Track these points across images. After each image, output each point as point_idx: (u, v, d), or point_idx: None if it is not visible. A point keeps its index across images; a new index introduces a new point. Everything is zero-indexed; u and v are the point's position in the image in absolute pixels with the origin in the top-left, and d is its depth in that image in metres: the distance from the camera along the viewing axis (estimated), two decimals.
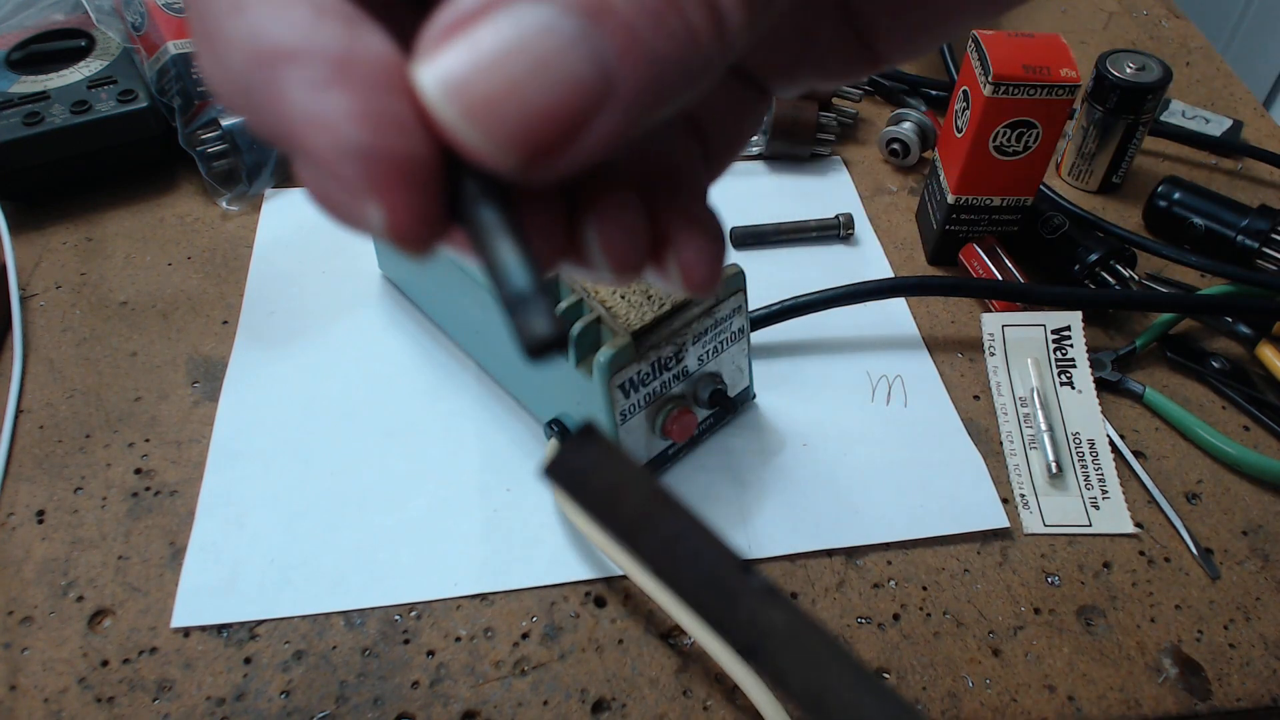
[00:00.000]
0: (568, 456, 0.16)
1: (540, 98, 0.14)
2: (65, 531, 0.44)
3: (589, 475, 0.16)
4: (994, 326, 0.53)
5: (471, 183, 0.16)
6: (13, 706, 0.38)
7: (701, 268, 0.19)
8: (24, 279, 0.55)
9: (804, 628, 0.15)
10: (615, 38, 0.14)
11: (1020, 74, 0.49)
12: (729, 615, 0.15)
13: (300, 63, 0.14)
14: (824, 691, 0.15)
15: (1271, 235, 0.56)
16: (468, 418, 0.49)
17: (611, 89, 0.14)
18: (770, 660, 0.15)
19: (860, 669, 0.15)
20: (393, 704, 0.39)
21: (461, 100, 0.14)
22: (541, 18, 0.14)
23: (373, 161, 0.14)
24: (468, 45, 0.14)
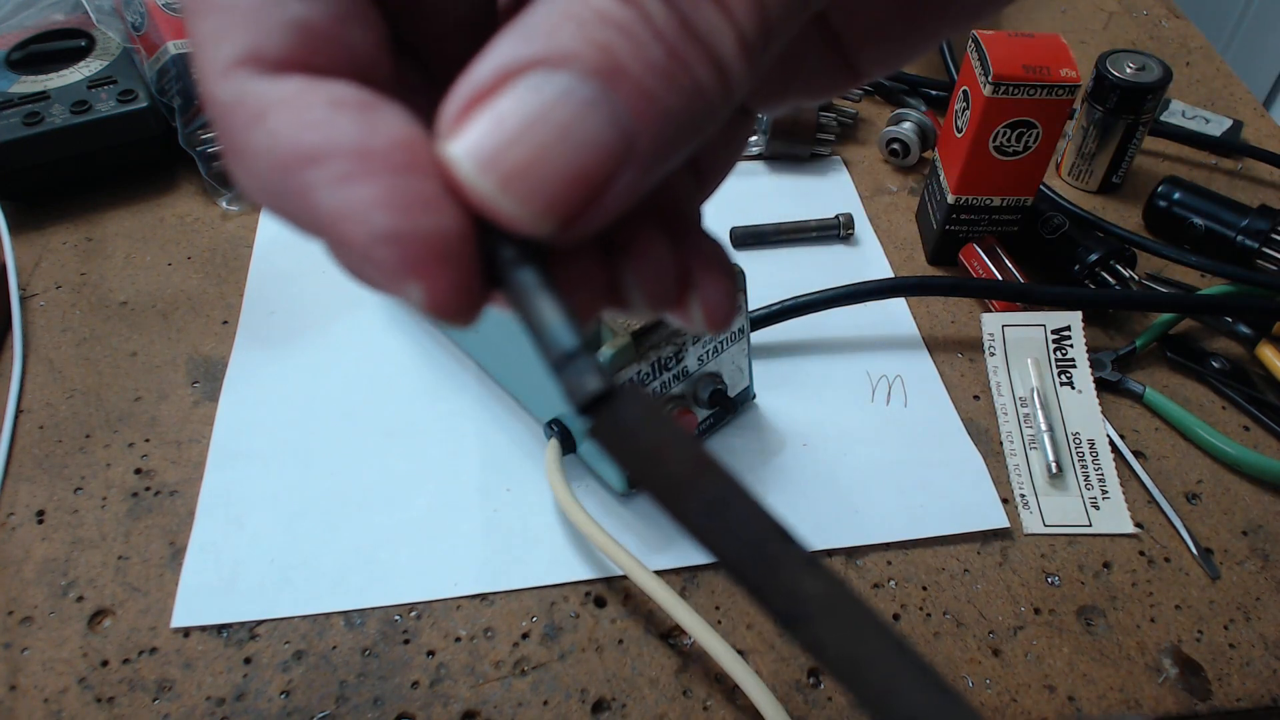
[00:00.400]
0: (612, 412, 0.16)
1: (568, 162, 0.15)
2: (65, 531, 0.44)
3: (631, 433, 0.16)
4: (994, 326, 0.53)
5: (507, 248, 0.16)
6: (13, 706, 0.38)
7: (724, 307, 0.20)
8: (24, 279, 0.55)
9: (844, 599, 0.15)
10: (631, 98, 0.15)
11: (1020, 74, 0.49)
12: (769, 582, 0.15)
13: (321, 162, 0.15)
14: (862, 664, 0.15)
15: (1271, 235, 0.56)
16: (468, 418, 0.49)
17: (632, 146, 0.15)
18: (809, 630, 0.15)
19: (900, 643, 0.15)
20: (393, 704, 0.39)
21: (494, 172, 0.15)
22: (559, 85, 0.14)
23: (405, 243, 0.15)
24: (493, 117, 0.15)
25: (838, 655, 0.15)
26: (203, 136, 0.58)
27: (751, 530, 0.16)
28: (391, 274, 0.15)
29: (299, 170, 0.15)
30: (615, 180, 0.15)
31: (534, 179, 0.15)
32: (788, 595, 0.15)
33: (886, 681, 0.15)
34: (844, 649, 0.15)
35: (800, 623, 0.15)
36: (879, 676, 0.15)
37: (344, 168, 0.14)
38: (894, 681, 0.15)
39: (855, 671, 0.15)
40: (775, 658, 0.40)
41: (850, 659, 0.15)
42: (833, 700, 0.39)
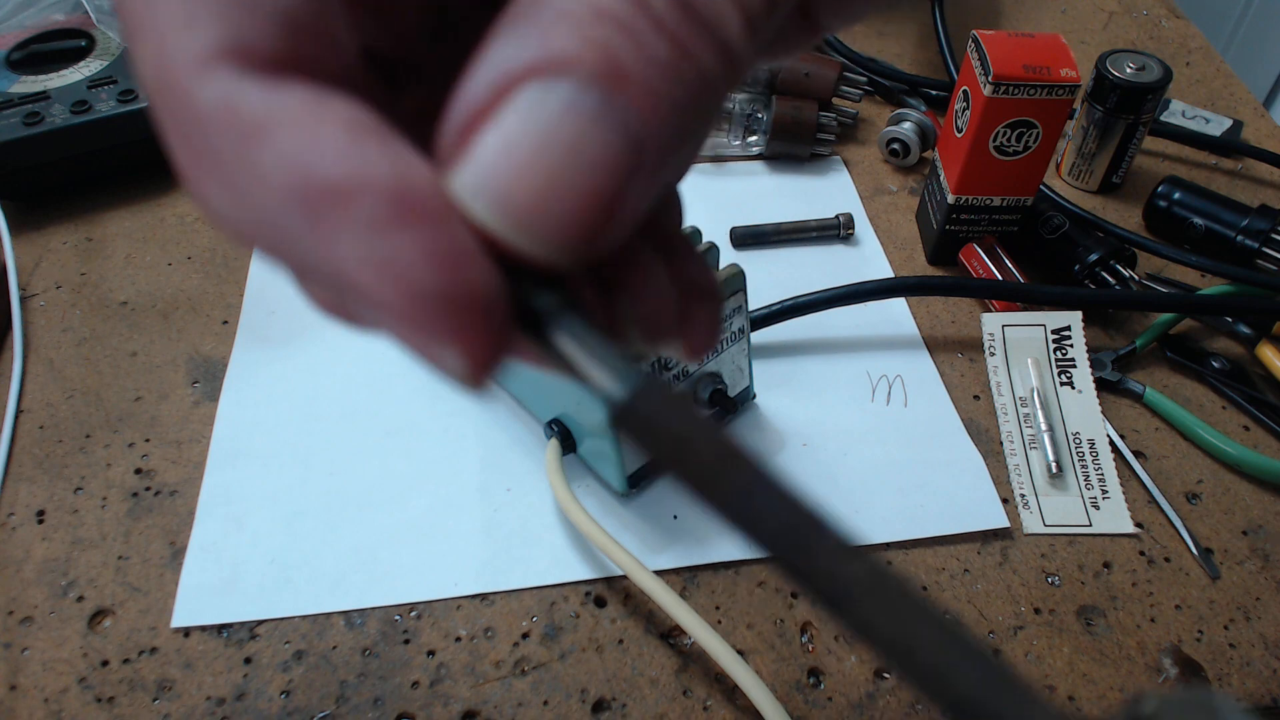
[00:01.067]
0: (637, 404, 0.15)
1: (583, 185, 0.13)
2: (65, 531, 0.44)
3: (658, 424, 0.15)
4: (994, 326, 0.53)
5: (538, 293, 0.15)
6: (13, 706, 0.38)
7: (709, 338, 0.19)
8: (24, 279, 0.55)
9: (886, 580, 0.15)
10: (637, 101, 0.13)
11: (1020, 74, 0.49)
12: (811, 565, 0.15)
13: (352, 201, 0.12)
14: (913, 644, 0.15)
15: (1271, 235, 0.56)
16: (468, 418, 0.49)
17: (642, 152, 0.14)
18: (857, 611, 0.15)
19: (947, 623, 0.15)
20: (393, 704, 0.39)
21: (508, 206, 0.13)
22: (563, 98, 0.13)
23: (454, 304, 0.13)
24: (497, 143, 0.13)
25: (888, 638, 0.15)
26: None
27: (785, 515, 0.15)
28: (427, 335, 0.13)
29: (321, 208, 0.12)
30: (629, 192, 0.14)
31: (550, 209, 0.13)
32: (829, 577, 0.15)
33: (940, 660, 0.15)
34: (894, 631, 0.15)
35: (847, 605, 0.15)
36: (932, 655, 0.15)
37: (380, 210, 0.12)
38: (947, 659, 0.15)
39: (907, 654, 0.15)
40: (775, 658, 0.40)
41: (901, 641, 0.15)
42: (833, 700, 0.39)
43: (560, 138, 0.13)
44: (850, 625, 0.15)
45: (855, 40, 0.74)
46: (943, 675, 0.15)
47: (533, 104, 0.13)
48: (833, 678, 0.40)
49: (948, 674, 0.15)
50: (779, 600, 0.42)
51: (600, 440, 0.43)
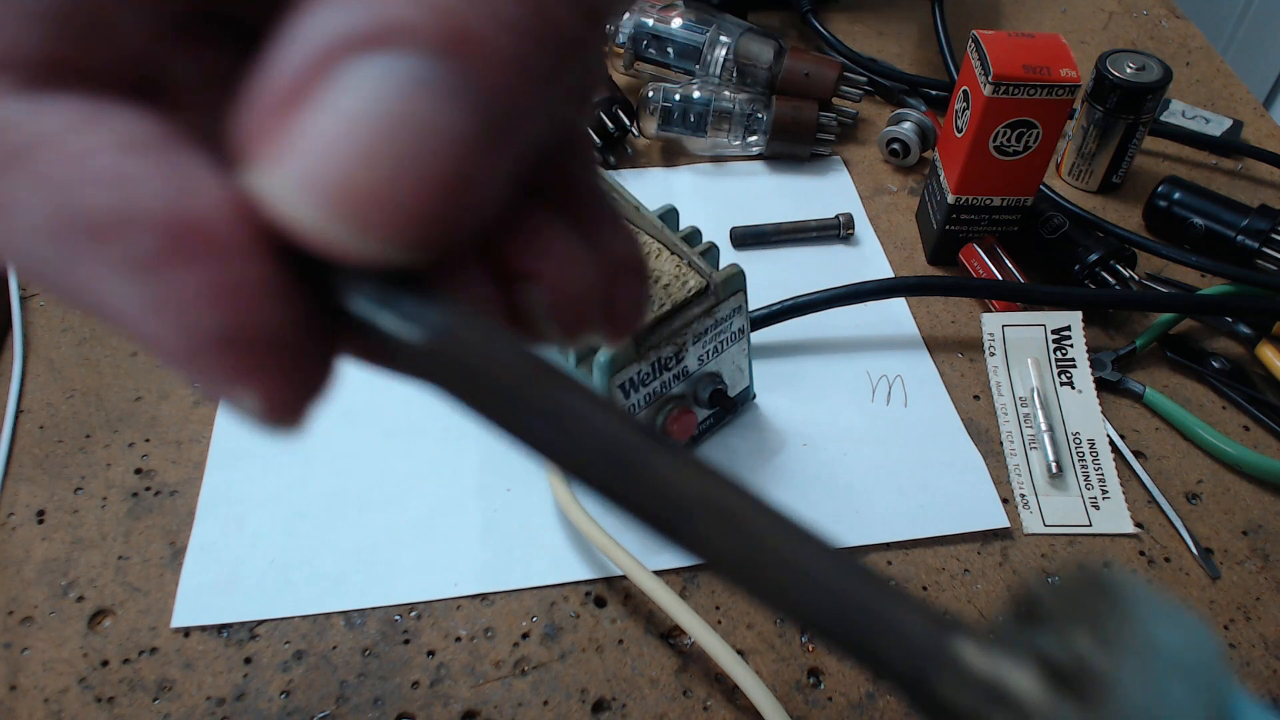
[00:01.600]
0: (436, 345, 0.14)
1: (427, 172, 0.11)
2: (65, 531, 0.44)
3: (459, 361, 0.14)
4: (994, 326, 0.53)
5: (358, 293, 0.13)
6: (13, 706, 0.38)
7: (633, 318, 0.16)
8: (24, 279, 0.55)
9: (729, 493, 0.13)
10: (488, 70, 0.11)
11: (1020, 74, 0.49)
12: (635, 487, 0.13)
13: (119, 235, 0.11)
14: (765, 565, 0.13)
15: (1271, 235, 0.56)
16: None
17: (500, 126, 0.12)
18: (693, 533, 0.13)
19: (806, 533, 0.13)
20: (393, 704, 0.39)
21: (340, 206, 0.11)
22: (399, 72, 0.11)
23: (241, 346, 0.11)
24: (321, 129, 0.11)
25: (727, 554, 0.13)
26: None
27: (606, 435, 0.13)
28: (217, 380, 0.12)
29: (83, 243, 0.11)
30: (487, 175, 0.12)
31: (392, 205, 0.11)
32: (659, 498, 0.13)
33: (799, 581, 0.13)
34: (733, 545, 0.13)
35: (681, 527, 0.13)
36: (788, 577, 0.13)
37: (150, 245, 0.11)
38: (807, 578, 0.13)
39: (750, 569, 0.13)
40: (775, 658, 0.40)
41: (743, 555, 0.13)
42: (833, 700, 0.39)
43: (400, 119, 0.11)
44: (690, 550, 0.14)
45: (855, 40, 0.74)
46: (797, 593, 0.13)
47: (364, 80, 0.11)
48: (833, 678, 0.40)
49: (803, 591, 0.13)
50: None
51: None
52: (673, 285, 0.42)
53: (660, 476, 0.14)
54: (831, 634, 0.14)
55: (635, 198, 0.44)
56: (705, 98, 0.63)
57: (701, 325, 0.42)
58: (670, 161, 0.65)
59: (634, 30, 0.66)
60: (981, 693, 0.14)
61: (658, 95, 0.62)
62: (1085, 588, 0.15)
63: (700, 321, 0.42)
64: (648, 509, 0.14)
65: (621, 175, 0.63)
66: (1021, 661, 0.14)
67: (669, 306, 0.41)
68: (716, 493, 0.14)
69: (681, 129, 0.63)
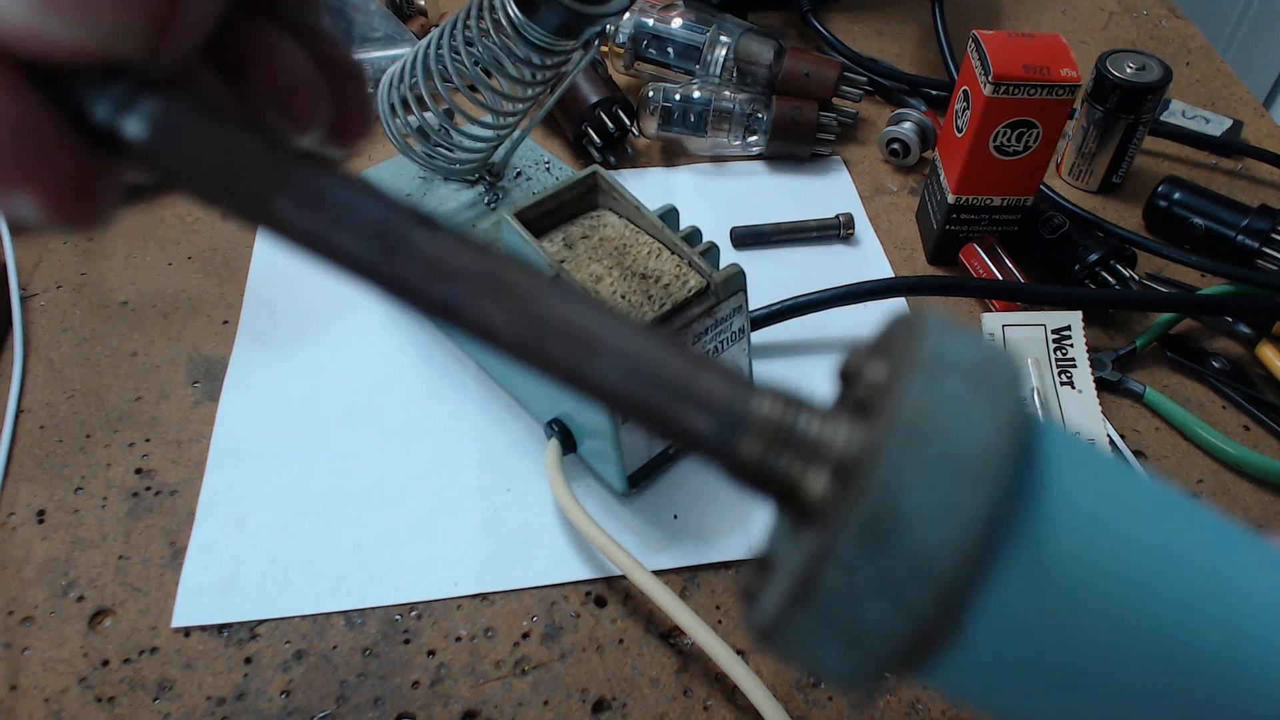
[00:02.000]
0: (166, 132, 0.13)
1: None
2: (65, 531, 0.44)
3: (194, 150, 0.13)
4: (994, 326, 0.53)
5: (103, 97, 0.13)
6: (13, 706, 0.38)
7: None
8: (24, 279, 0.55)
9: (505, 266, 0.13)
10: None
11: (1020, 74, 0.49)
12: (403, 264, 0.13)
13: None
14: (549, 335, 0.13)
15: (1271, 235, 0.56)
16: (468, 418, 0.49)
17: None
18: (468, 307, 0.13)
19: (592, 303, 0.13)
20: (393, 704, 0.39)
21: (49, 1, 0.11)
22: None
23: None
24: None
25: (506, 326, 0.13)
26: None
27: (369, 219, 0.13)
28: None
29: None
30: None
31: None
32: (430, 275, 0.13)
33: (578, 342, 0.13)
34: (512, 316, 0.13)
35: (453, 301, 0.13)
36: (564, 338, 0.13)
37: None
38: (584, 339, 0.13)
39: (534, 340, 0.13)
40: (775, 658, 0.40)
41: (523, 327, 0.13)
42: (833, 700, 0.39)
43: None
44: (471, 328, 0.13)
45: (855, 40, 0.74)
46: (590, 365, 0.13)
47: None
48: None
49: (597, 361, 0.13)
50: None
51: (600, 440, 0.43)
52: (673, 285, 0.42)
53: (429, 251, 0.13)
54: (629, 405, 0.13)
55: (635, 198, 0.44)
56: (705, 98, 0.63)
57: (701, 325, 0.42)
58: (670, 161, 0.65)
59: (634, 30, 0.66)
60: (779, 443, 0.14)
61: (658, 95, 0.62)
62: (892, 331, 0.15)
63: (700, 321, 0.42)
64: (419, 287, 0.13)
65: (621, 175, 0.63)
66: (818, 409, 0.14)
67: (669, 306, 0.41)
68: (491, 266, 0.13)
69: (681, 129, 0.63)
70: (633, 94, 0.65)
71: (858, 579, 0.13)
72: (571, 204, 0.45)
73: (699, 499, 0.45)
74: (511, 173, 0.55)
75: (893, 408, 0.13)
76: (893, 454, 0.13)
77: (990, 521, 0.13)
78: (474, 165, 0.51)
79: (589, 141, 0.62)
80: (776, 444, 0.14)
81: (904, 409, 0.13)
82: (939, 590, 0.13)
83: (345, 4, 0.66)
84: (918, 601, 0.13)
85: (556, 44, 0.42)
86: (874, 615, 0.13)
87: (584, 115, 0.61)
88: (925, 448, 0.13)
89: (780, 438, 0.14)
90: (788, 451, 0.14)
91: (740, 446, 0.14)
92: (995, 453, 0.13)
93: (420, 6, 0.71)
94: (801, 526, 0.14)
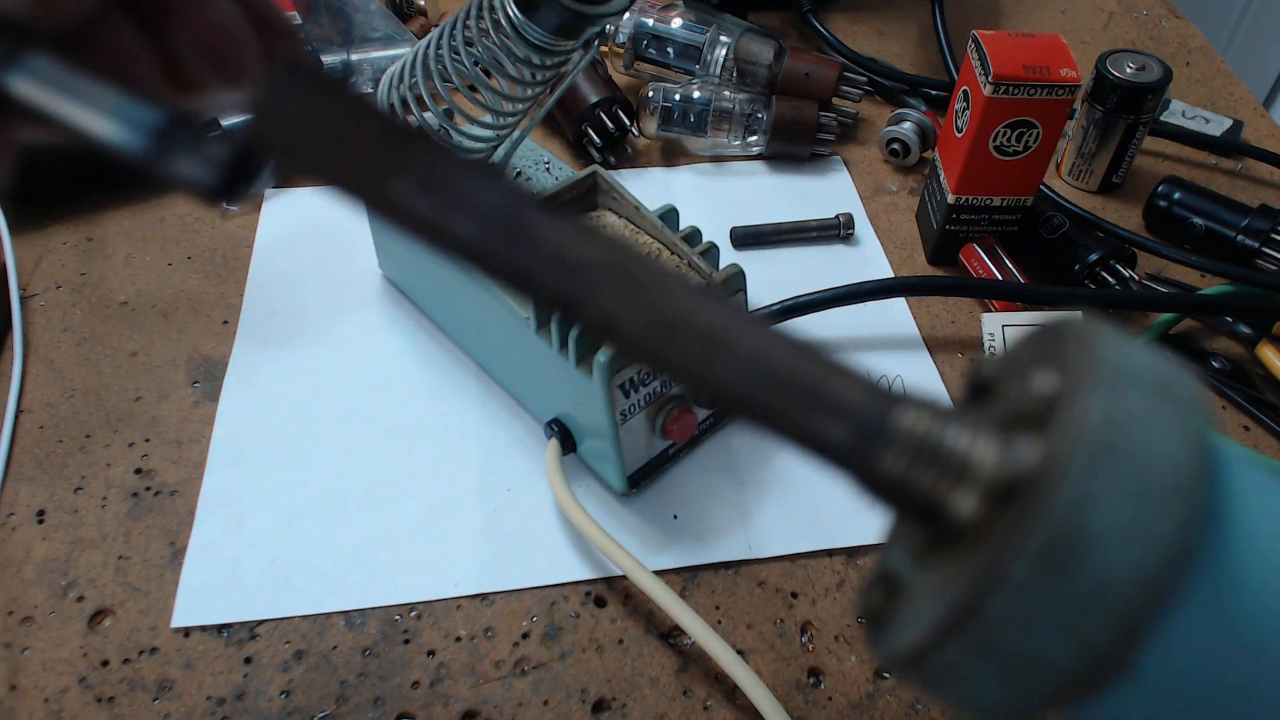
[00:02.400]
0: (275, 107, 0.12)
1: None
2: (65, 531, 0.44)
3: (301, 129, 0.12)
4: (994, 326, 0.53)
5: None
6: (13, 706, 0.38)
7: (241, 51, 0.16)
8: (24, 279, 0.55)
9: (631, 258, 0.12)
10: None
11: (1020, 74, 0.49)
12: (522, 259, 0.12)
13: None
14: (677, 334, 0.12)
15: (1271, 235, 0.56)
16: (468, 418, 0.49)
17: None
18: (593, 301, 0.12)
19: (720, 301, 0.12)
20: (393, 704, 0.39)
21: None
22: None
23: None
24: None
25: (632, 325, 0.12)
26: None
27: (489, 204, 0.12)
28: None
29: None
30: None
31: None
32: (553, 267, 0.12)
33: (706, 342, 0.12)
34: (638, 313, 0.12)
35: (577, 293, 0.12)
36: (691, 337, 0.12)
37: None
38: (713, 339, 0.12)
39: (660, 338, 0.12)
40: (775, 658, 0.40)
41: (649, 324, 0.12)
42: (833, 700, 0.39)
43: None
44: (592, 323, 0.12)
45: (855, 40, 0.74)
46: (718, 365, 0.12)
47: None
48: (833, 678, 0.40)
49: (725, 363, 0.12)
50: (779, 600, 0.42)
51: (600, 440, 0.43)
52: None
53: (551, 240, 0.12)
54: (759, 411, 0.12)
55: (635, 198, 0.44)
56: (705, 98, 0.63)
57: None
58: (670, 161, 0.65)
59: (634, 30, 0.66)
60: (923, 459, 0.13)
61: (658, 95, 0.62)
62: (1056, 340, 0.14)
63: None
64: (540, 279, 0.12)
65: (621, 175, 0.63)
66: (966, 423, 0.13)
67: None
68: (617, 258, 0.12)
69: (681, 129, 0.63)
70: (633, 94, 0.65)
71: (1031, 606, 0.12)
72: (571, 204, 0.45)
73: (699, 499, 0.45)
74: (511, 173, 0.55)
75: (1076, 422, 0.12)
76: (1080, 471, 0.12)
77: (1180, 547, 0.12)
78: None
79: (589, 141, 0.62)
80: (921, 459, 0.13)
81: (1091, 424, 0.12)
82: (1120, 620, 0.12)
83: (345, 4, 0.66)
84: (1096, 632, 0.12)
85: (556, 44, 0.42)
86: (1044, 646, 0.12)
87: (584, 115, 0.61)
88: (1115, 466, 0.12)
89: (925, 453, 0.13)
90: (933, 468, 0.13)
91: (880, 460, 0.13)
92: (1186, 473, 0.12)
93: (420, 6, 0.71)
94: (945, 548, 0.13)
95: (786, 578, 0.43)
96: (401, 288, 0.54)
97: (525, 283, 0.12)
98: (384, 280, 0.55)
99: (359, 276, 0.55)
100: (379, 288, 0.55)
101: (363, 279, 0.55)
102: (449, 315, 0.51)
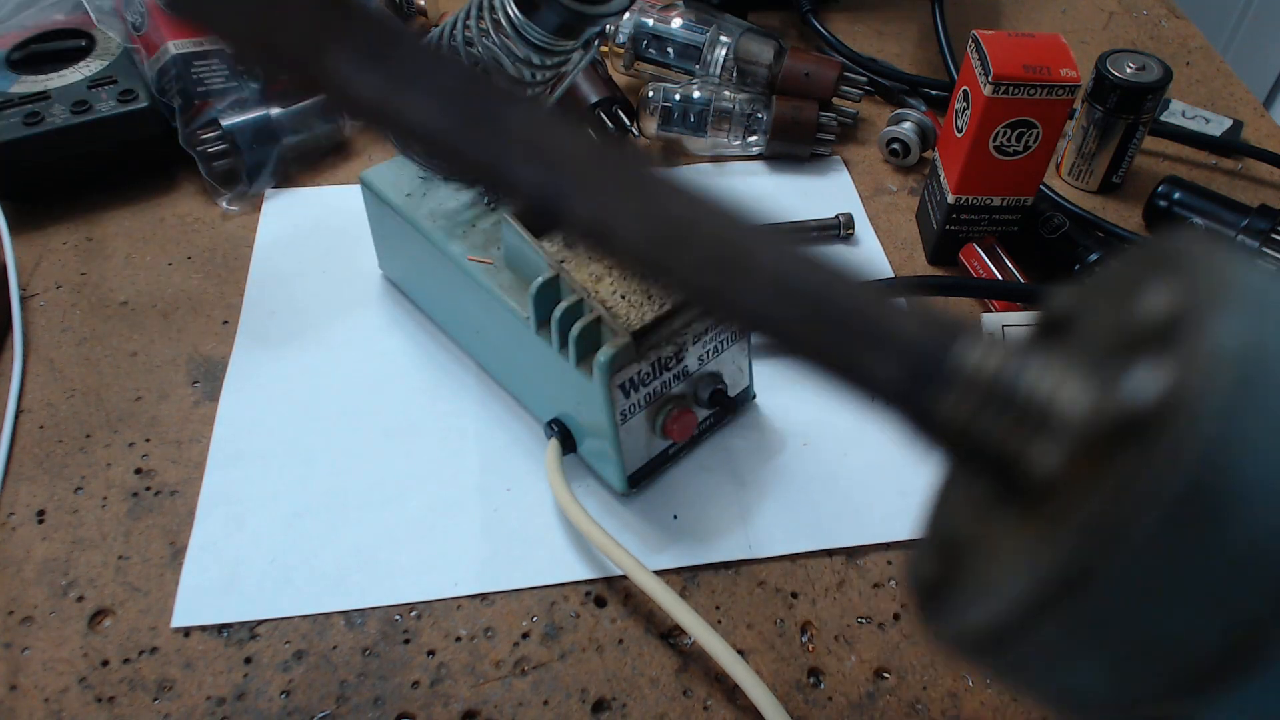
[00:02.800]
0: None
1: None
2: (65, 531, 0.44)
3: None
4: (994, 326, 0.53)
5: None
6: (13, 706, 0.38)
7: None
8: (24, 279, 0.55)
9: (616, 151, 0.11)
10: None
11: (1020, 74, 0.49)
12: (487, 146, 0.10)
13: None
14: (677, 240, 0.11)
15: (1271, 235, 0.56)
16: (468, 418, 0.49)
17: None
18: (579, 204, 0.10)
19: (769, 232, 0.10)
20: (393, 704, 0.39)
21: None
22: None
23: None
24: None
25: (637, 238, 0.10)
26: (203, 136, 0.58)
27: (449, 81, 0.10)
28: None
29: None
30: None
31: None
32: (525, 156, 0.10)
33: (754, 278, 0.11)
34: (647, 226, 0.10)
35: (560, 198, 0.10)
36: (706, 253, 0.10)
37: None
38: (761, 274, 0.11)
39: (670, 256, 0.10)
40: (775, 658, 0.40)
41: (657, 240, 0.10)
42: (833, 700, 0.39)
43: None
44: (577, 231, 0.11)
45: (855, 40, 0.74)
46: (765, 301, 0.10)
47: None
48: (833, 678, 0.40)
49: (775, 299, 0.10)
50: (779, 600, 0.42)
51: (600, 440, 0.43)
52: None
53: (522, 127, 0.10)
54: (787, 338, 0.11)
55: None
56: (705, 98, 0.63)
57: (701, 325, 0.42)
58: (670, 161, 0.65)
59: (634, 30, 0.66)
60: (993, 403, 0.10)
61: (658, 95, 0.62)
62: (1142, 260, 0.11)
63: (700, 321, 0.42)
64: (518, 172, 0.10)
65: None
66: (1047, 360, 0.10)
67: (669, 306, 0.41)
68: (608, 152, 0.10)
69: (681, 129, 0.63)
70: (633, 94, 0.65)
71: (1161, 573, 0.09)
72: None
73: (699, 499, 0.45)
74: None
75: (1212, 345, 0.09)
76: (1222, 405, 0.09)
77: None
78: None
79: None
80: (990, 403, 0.11)
81: (1231, 347, 0.09)
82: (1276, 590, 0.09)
83: None
84: (1244, 605, 0.09)
85: (556, 44, 0.42)
86: (1175, 622, 0.09)
87: (584, 115, 0.61)
88: (1266, 398, 0.09)
89: (995, 396, 0.11)
90: (1007, 414, 0.11)
91: (938, 403, 0.11)
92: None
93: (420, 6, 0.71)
94: (1023, 505, 0.11)
95: (786, 578, 0.43)
96: (401, 288, 0.54)
97: (497, 177, 0.10)
98: (384, 280, 0.55)
99: (359, 276, 0.55)
100: (379, 288, 0.55)
101: (363, 279, 0.55)
102: (449, 315, 0.51)
